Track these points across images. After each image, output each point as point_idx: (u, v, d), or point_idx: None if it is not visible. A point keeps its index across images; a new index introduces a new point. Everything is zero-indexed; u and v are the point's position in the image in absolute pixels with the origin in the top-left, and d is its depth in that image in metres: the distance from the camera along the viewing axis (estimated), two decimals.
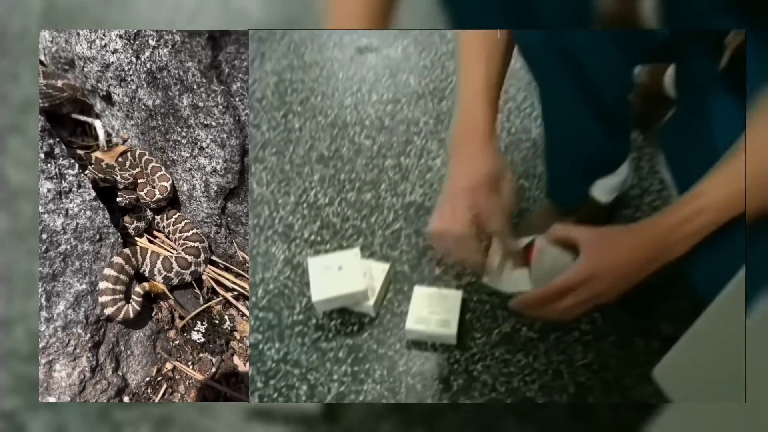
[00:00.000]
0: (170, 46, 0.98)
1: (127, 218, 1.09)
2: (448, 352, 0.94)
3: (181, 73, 0.98)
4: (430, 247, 1.07)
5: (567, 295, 0.70)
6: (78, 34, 1.11)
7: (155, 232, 1.15)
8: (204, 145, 1.01)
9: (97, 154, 1.19)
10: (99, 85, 1.16)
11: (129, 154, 1.15)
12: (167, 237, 1.14)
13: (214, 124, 0.98)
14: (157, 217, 1.14)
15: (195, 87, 0.97)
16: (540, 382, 0.88)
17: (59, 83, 1.20)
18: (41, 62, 1.30)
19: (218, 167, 1.02)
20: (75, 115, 1.23)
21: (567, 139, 0.92)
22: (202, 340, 1.02)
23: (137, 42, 1.02)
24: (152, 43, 0.99)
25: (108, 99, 1.18)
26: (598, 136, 0.88)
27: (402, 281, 1.04)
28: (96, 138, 1.23)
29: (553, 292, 0.70)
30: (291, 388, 0.93)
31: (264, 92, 1.39)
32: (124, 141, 1.21)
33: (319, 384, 0.93)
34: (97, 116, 1.25)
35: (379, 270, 1.02)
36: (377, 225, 1.12)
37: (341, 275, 0.98)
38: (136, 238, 1.11)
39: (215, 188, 1.04)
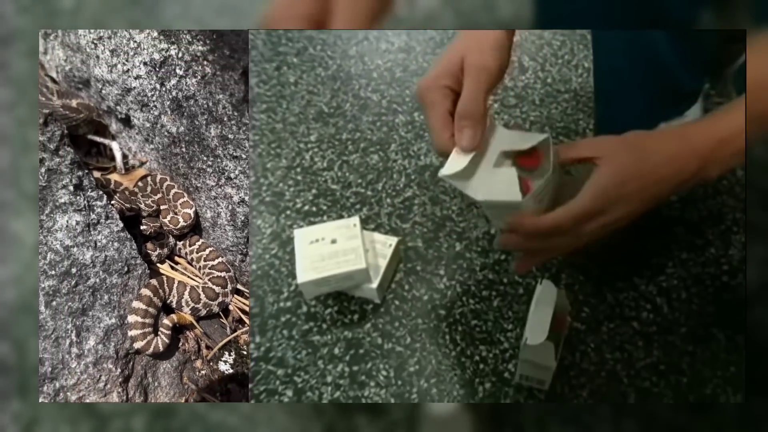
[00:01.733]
0: (199, 77, 0.96)
1: (149, 245, 1.08)
2: (472, 347, 0.78)
3: (211, 104, 0.97)
4: (449, 218, 0.89)
5: (584, 224, 0.56)
6: (97, 57, 1.09)
7: (177, 258, 1.14)
8: (232, 175, 1.01)
9: (115, 176, 1.18)
10: (118, 107, 1.14)
11: (149, 179, 1.14)
12: (189, 263, 1.13)
13: (244, 156, 0.97)
14: (179, 243, 1.13)
15: (225, 119, 0.96)
16: (591, 386, 0.72)
17: (74, 103, 1.18)
18: (53, 79, 1.27)
19: (247, 198, 1.01)
20: (90, 137, 1.21)
21: (628, 62, 0.73)
22: (231, 371, 1.02)
23: (162, 70, 1.00)
24: (179, 72, 0.98)
25: (126, 122, 1.16)
26: (668, 56, 0.71)
27: (414, 260, 0.87)
28: (112, 159, 1.22)
29: (570, 219, 0.55)
30: (272, 394, 0.78)
31: (254, 42, 1.18)
32: (142, 164, 1.20)
33: (308, 388, 0.78)
34: (113, 137, 1.23)
35: (384, 245, 0.85)
36: (385, 192, 0.95)
37: (336, 250, 0.81)
38: (159, 265, 1.10)
39: (242, 218, 1.04)
